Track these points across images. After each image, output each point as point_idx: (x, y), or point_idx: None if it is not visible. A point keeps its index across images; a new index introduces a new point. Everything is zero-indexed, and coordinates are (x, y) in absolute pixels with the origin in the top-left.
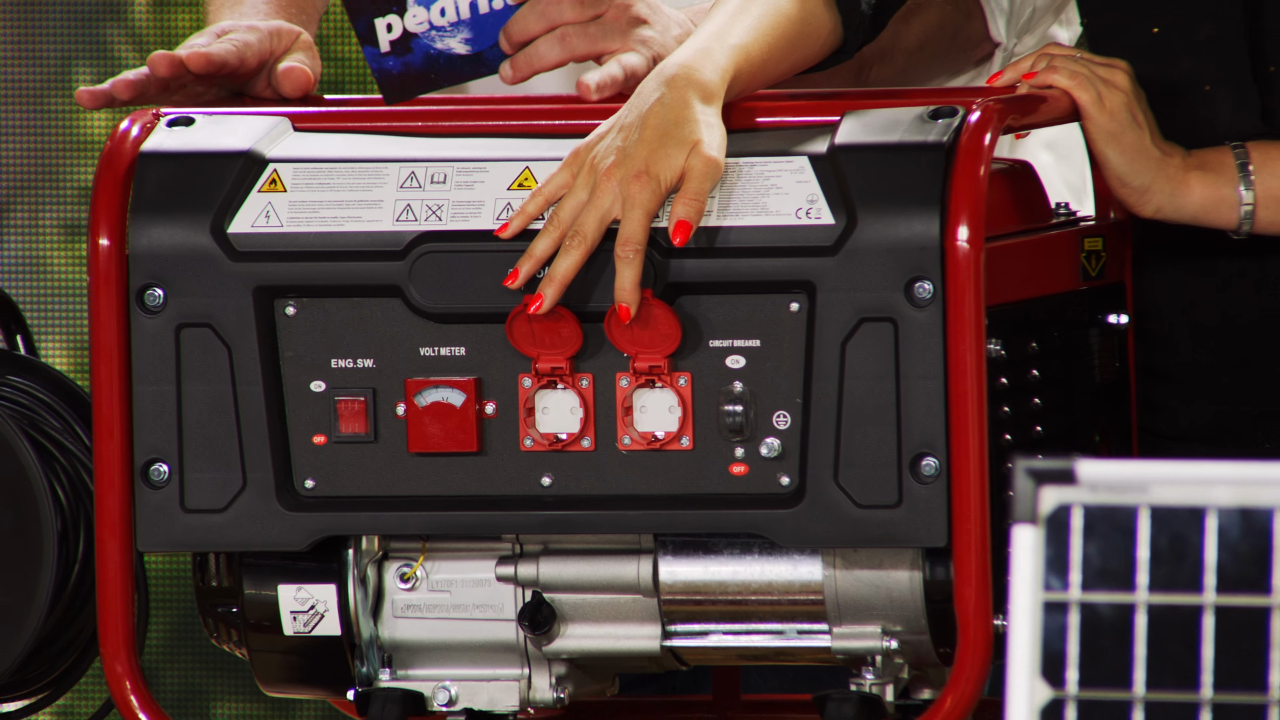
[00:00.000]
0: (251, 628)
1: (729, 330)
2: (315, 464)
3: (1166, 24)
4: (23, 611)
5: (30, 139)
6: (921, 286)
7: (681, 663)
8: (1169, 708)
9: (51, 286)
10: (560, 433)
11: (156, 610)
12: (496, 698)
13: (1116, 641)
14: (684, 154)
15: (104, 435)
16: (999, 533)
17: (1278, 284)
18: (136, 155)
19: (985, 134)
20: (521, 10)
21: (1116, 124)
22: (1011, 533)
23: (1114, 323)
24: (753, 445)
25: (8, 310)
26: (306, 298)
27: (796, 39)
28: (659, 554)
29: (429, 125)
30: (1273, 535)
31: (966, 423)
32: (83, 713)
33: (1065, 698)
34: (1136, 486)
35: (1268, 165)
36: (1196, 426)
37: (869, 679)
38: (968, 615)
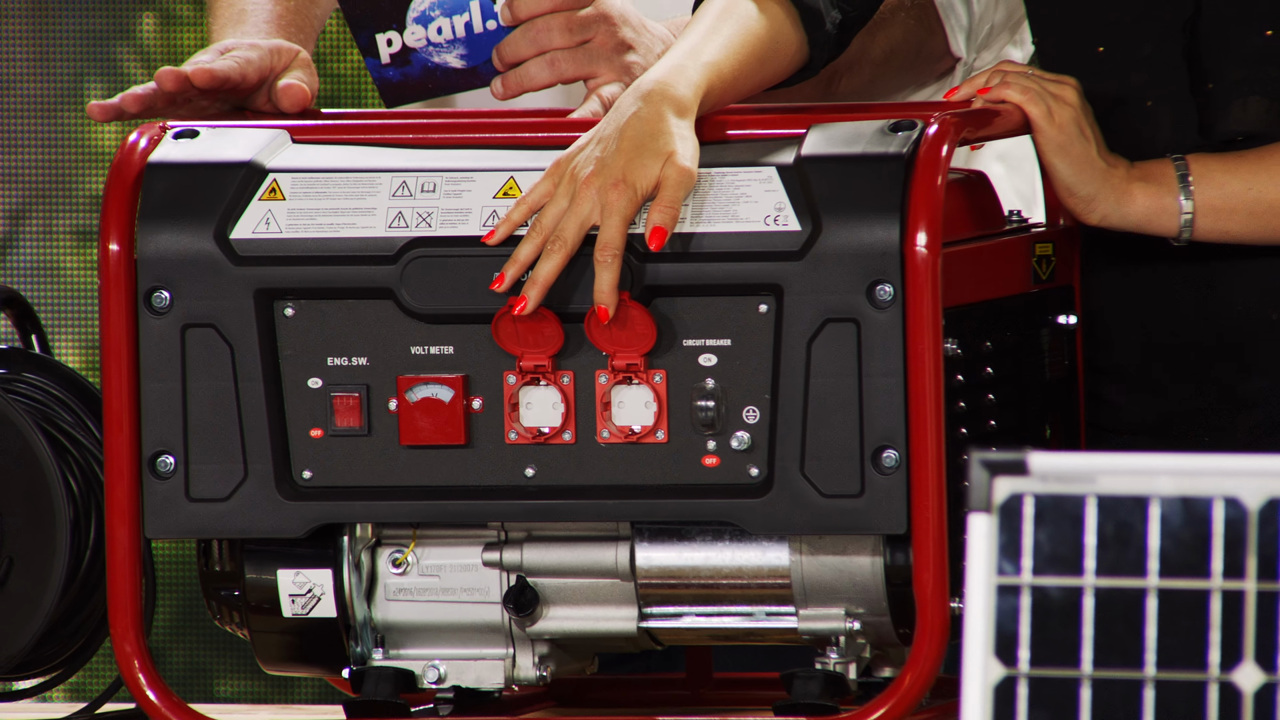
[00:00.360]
0: (252, 610)
1: (701, 330)
2: (312, 456)
3: (1112, 44)
4: (38, 595)
5: (44, 150)
6: (882, 289)
7: (657, 643)
8: (1114, 684)
9: (64, 289)
10: (543, 426)
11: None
12: (483, 676)
13: (1065, 622)
14: (659, 164)
15: (114, 429)
16: (955, 520)
17: (1216, 287)
18: (144, 166)
19: (942, 146)
20: (514, 34)
21: (1065, 136)
22: (967, 520)
23: (1063, 323)
24: (724, 438)
25: (23, 311)
26: (304, 299)
27: (765, 57)
28: (636, 541)
29: (419, 138)
30: (1211, 523)
31: (925, 417)
32: (93, 690)
33: (1017, 675)
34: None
35: (1206, 177)
36: (1141, 421)
37: (833, 658)
38: (926, 598)
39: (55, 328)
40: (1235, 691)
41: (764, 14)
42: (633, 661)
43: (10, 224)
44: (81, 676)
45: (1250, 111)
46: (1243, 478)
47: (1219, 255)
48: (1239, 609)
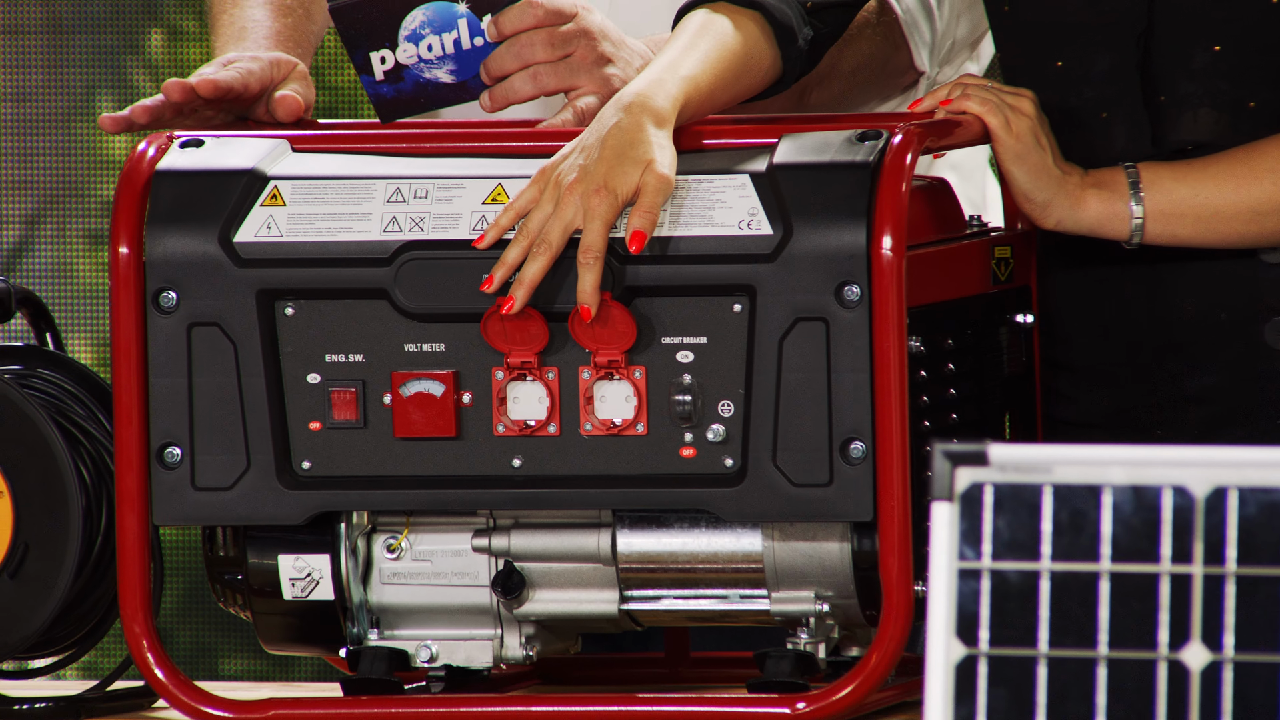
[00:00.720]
0: (255, 593)
1: (679, 329)
2: (311, 447)
3: (1070, 59)
4: (52, 578)
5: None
6: (850, 290)
7: (637, 624)
8: (1069, 663)
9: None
10: (529, 420)
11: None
12: (472, 655)
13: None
14: (639, 171)
15: (123, 422)
16: (919, 508)
17: (1166, 288)
18: (152, 173)
19: (907, 154)
20: (499, 49)
21: (1022, 146)
22: (930, 508)
23: (1021, 322)
24: (700, 431)
25: (38, 311)
26: (303, 300)
27: (741, 71)
28: (617, 527)
29: (412, 147)
30: (1160, 510)
31: (890, 411)
32: (104, 669)
33: (978, 654)
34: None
35: (1156, 184)
36: (1095, 414)
37: (803, 638)
38: (891, 581)
39: (68, 326)
40: (1183, 669)
41: (739, 30)
42: (614, 642)
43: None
44: (93, 656)
45: (1200, 122)
46: (1190, 468)
47: (1169, 258)
48: (1187, 592)
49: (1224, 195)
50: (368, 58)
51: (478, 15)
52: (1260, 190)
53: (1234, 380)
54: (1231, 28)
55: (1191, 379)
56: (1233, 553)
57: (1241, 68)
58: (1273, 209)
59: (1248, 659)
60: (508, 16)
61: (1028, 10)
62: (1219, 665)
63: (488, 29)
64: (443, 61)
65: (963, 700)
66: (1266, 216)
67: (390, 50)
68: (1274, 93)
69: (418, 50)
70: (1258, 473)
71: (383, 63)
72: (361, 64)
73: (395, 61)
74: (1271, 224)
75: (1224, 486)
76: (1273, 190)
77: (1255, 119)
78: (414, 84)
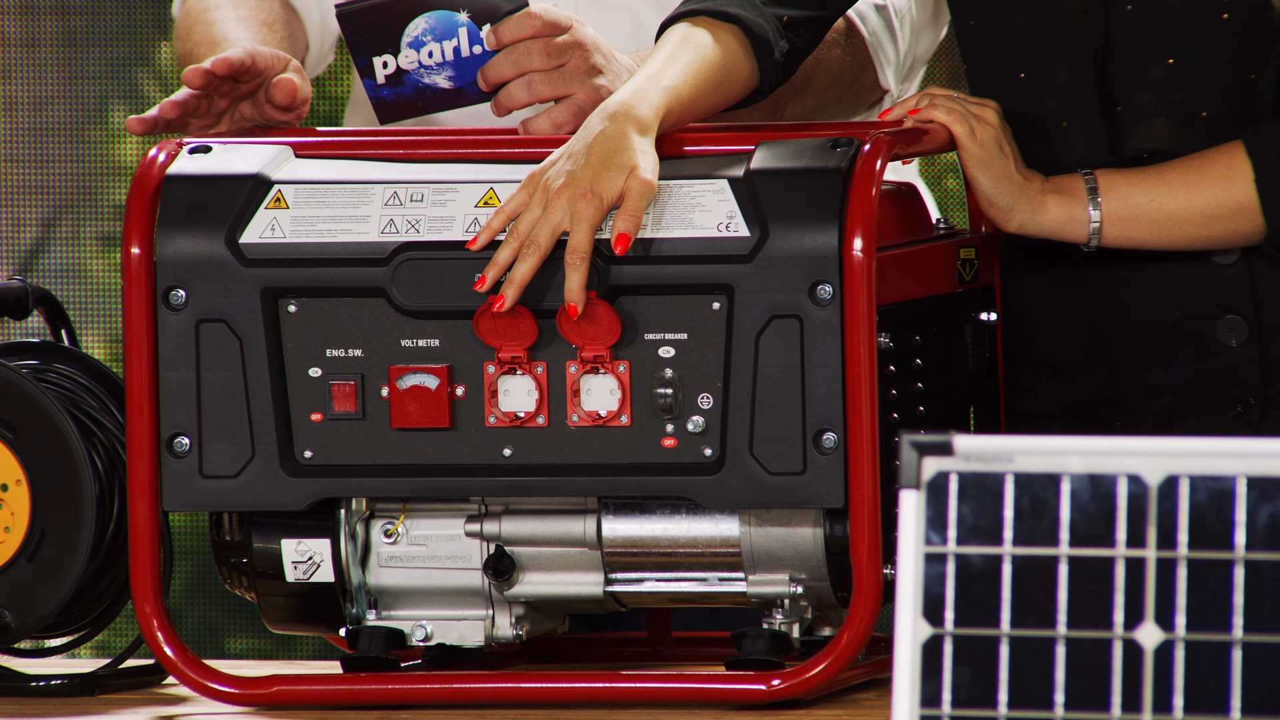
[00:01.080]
0: (259, 575)
1: (661, 325)
2: (313, 437)
3: (1032, 72)
4: (67, 562)
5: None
6: (823, 289)
7: (621, 605)
8: (1030, 642)
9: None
10: (519, 411)
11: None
12: (465, 634)
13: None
14: (623, 177)
15: (135, 413)
16: (888, 496)
17: (1123, 288)
18: (163, 178)
19: (877, 160)
20: (497, 57)
21: (986, 153)
22: (898, 496)
23: (985, 320)
24: (681, 422)
25: (54, 309)
26: (306, 298)
27: (720, 82)
28: (602, 514)
29: (409, 153)
30: (1116, 497)
31: (860, 403)
32: (117, 647)
33: (944, 634)
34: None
35: (1113, 190)
36: (1055, 406)
37: (778, 619)
38: (861, 565)
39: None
40: (1137, 648)
41: (719, 43)
42: (599, 622)
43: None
44: (106, 635)
45: (1155, 131)
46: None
47: (1126, 260)
48: (1141, 574)
49: (1177, 200)
50: (370, 62)
51: (478, 25)
52: (1211, 196)
53: (1188, 375)
54: (1183, 44)
55: (1148, 374)
56: (1184, 538)
57: (1194, 81)
58: (1222, 214)
59: (1198, 638)
60: (507, 26)
61: (993, 28)
62: (1171, 644)
63: (487, 38)
64: (442, 68)
65: (929, 677)
66: (1216, 221)
67: (393, 55)
68: (1224, 104)
69: (419, 56)
70: (1208, 462)
71: (384, 67)
72: (364, 67)
73: (396, 66)
74: (1221, 228)
75: (1176, 475)
76: (1223, 195)
77: (1207, 128)
78: (413, 88)
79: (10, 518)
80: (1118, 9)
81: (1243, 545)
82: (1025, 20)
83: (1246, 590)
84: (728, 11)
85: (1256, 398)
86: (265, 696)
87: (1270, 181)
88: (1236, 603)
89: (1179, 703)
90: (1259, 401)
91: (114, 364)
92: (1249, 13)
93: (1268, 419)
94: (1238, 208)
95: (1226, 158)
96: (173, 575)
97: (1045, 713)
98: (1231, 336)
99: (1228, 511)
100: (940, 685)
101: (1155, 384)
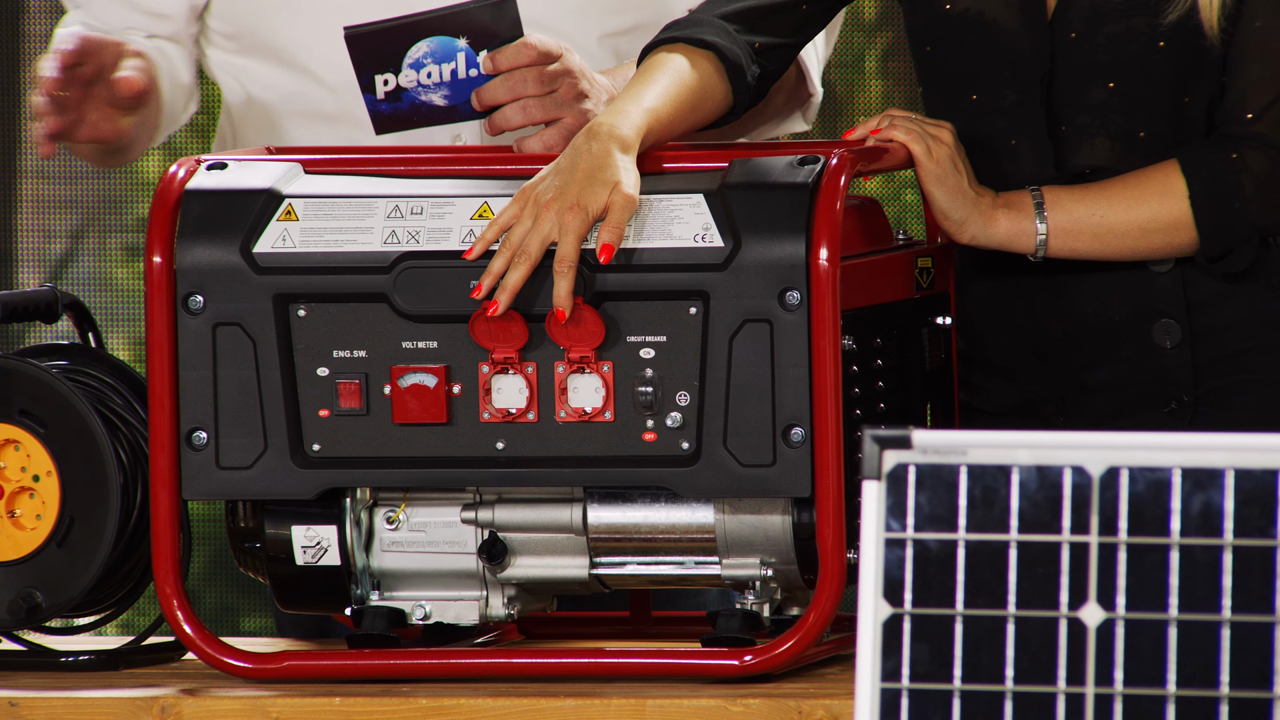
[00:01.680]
0: (271, 559)
1: (642, 329)
2: (321, 432)
3: (982, 92)
4: (94, 547)
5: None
6: (791, 295)
7: (605, 587)
8: (982, 620)
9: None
10: (511, 408)
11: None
12: (461, 614)
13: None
14: (607, 192)
15: (156, 409)
16: (851, 486)
17: (1068, 295)
18: (182, 192)
19: (841, 176)
20: (493, 81)
21: (942, 170)
22: (861, 486)
23: (941, 323)
24: (660, 418)
25: (82, 314)
26: (314, 303)
27: (696, 105)
28: (588, 502)
29: (409, 170)
30: (1062, 487)
31: (826, 401)
32: (140, 625)
33: (903, 613)
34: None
35: (1058, 205)
36: (1006, 403)
37: (750, 599)
38: (827, 550)
39: (109, 327)
40: (1081, 626)
41: (695, 69)
42: (585, 602)
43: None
44: (130, 614)
45: (1096, 150)
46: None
47: (1071, 269)
48: (1084, 558)
49: (1117, 215)
50: (372, 79)
51: (475, 50)
52: (1148, 211)
53: (1127, 374)
54: (1122, 69)
55: (1090, 373)
56: (1124, 525)
57: (1132, 103)
58: (1159, 227)
59: (1137, 616)
60: (504, 54)
61: (947, 54)
62: (1112, 622)
63: (484, 63)
64: (438, 87)
65: (890, 653)
66: (1154, 234)
67: (394, 74)
68: (1161, 125)
69: (418, 76)
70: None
71: (385, 84)
72: (366, 84)
73: (396, 84)
74: (1158, 240)
75: (1117, 467)
76: (1159, 211)
77: (1145, 147)
78: (410, 104)
79: (42, 506)
80: (1062, 36)
81: (1178, 531)
82: (976, 46)
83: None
84: (704, 39)
85: (1189, 395)
86: (277, 670)
87: (1203, 198)
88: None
89: (1119, 676)
90: (1191, 399)
91: (137, 364)
92: (1183, 41)
93: (1200, 414)
94: (1174, 222)
95: (1163, 176)
96: (191, 559)
97: (996, 685)
98: (1166, 339)
99: (1164, 500)
100: (900, 661)
101: (1096, 383)
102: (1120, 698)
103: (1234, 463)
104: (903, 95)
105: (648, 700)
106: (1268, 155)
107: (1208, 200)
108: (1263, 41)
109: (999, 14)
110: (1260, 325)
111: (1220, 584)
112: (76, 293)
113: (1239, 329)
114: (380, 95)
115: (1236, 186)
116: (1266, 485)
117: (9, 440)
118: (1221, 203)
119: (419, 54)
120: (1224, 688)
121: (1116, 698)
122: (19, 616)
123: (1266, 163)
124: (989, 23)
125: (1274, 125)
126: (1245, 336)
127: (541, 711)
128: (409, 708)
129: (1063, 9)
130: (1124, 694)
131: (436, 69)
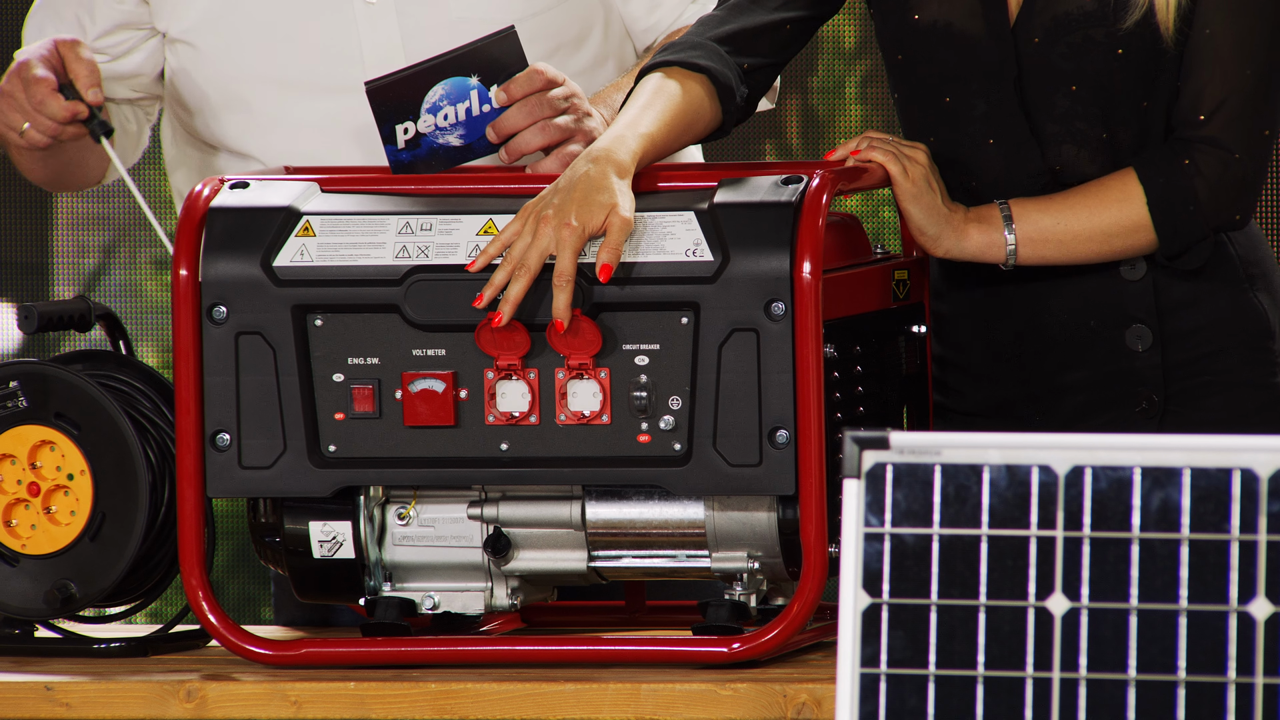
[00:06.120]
0: (290, 553)
1: (637, 337)
2: (336, 434)
3: (954, 97)
4: (124, 541)
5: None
6: (776, 306)
7: (602, 578)
8: (955, 609)
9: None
10: (514, 411)
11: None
12: (467, 604)
13: (918, 562)
14: (604, 213)
15: (183, 413)
16: (833, 484)
17: (1039, 300)
18: (207, 210)
19: (823, 195)
20: (510, 110)
21: (917, 188)
22: (842, 484)
23: (916, 332)
24: (654, 421)
25: (113, 323)
26: (330, 313)
27: (688, 126)
28: (586, 500)
29: (419, 188)
30: (1030, 485)
31: (809, 405)
32: (167, 615)
33: (881, 603)
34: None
35: (1025, 217)
36: (980, 405)
37: (738, 591)
38: (810, 544)
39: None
40: (1048, 615)
41: (688, 93)
42: (583, 593)
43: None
44: (158, 604)
45: (1063, 156)
46: (1054, 450)
47: (1041, 276)
48: (1051, 552)
49: (1080, 222)
50: (393, 130)
51: (486, 85)
52: (1109, 217)
53: (1098, 376)
54: (1084, 76)
55: (1062, 375)
56: (1088, 520)
57: (1095, 110)
58: (1120, 231)
59: (1100, 606)
60: (517, 83)
61: (918, 63)
62: (1077, 611)
63: (496, 95)
64: (455, 128)
65: (869, 640)
66: (1115, 238)
67: (413, 122)
68: (1123, 129)
69: (435, 120)
70: (1109, 454)
71: (405, 133)
72: (388, 135)
73: (415, 131)
74: (1120, 244)
75: (1082, 466)
76: (1119, 216)
77: (1109, 150)
78: (428, 149)
79: (76, 503)
80: (1026, 44)
81: (1138, 526)
82: (945, 54)
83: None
84: (697, 63)
85: (1159, 395)
86: (295, 657)
87: (1159, 202)
88: (1133, 576)
89: (1084, 662)
90: (1161, 399)
91: (165, 370)
92: (1141, 48)
93: (1169, 414)
94: (1133, 225)
95: (1121, 183)
96: (215, 552)
97: (969, 670)
98: (1138, 343)
99: (1126, 497)
100: (878, 647)
101: (1068, 385)
102: (1084, 682)
103: (1191, 462)
104: (881, 119)
105: (642, 685)
106: (1219, 158)
107: (1164, 205)
108: (1214, 46)
109: (966, 24)
110: (1227, 330)
111: (1178, 575)
112: (108, 303)
113: (1207, 333)
114: (401, 145)
115: (1190, 191)
116: (1221, 483)
117: (45, 441)
118: (1177, 207)
119: (435, 98)
120: (1181, 672)
121: (1081, 682)
122: (54, 606)
123: (1218, 165)
124: (957, 32)
125: (1224, 127)
126: (1213, 340)
127: (543, 695)
128: (419, 691)
129: (1025, 18)
130: (1088, 678)
131: (452, 109)
